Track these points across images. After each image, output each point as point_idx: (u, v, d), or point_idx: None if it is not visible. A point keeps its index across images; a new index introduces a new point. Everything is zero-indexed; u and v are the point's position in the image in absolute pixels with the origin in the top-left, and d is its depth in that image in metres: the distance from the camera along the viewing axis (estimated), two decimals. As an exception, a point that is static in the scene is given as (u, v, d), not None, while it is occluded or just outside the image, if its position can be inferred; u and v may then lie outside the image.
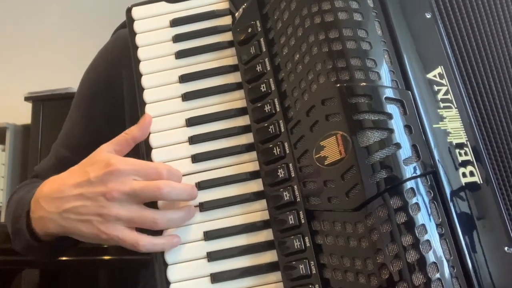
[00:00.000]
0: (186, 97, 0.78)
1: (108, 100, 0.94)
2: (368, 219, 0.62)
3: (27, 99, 2.00)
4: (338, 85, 0.66)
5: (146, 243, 0.71)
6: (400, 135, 0.64)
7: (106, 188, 0.70)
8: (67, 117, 1.00)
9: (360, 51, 0.67)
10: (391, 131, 0.63)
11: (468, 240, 0.62)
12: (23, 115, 2.07)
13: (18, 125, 2.11)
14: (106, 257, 1.74)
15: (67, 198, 0.73)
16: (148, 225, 0.71)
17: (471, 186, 0.64)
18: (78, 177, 0.73)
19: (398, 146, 0.63)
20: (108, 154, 0.73)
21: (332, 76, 0.66)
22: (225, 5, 0.82)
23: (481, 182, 0.65)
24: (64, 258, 1.63)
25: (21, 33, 2.56)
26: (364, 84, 0.65)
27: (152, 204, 0.74)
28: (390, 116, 0.64)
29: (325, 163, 0.65)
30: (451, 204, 0.62)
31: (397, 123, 0.64)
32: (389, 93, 0.65)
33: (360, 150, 0.63)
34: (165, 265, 0.72)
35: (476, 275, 0.61)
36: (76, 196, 0.72)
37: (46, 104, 1.97)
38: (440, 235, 0.61)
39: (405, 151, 0.63)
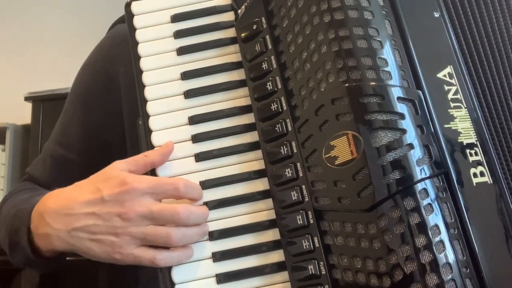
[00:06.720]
0: (189, 94, 0.76)
1: (106, 96, 0.92)
2: (380, 220, 0.62)
3: (27, 99, 1.99)
4: (348, 84, 0.65)
5: (163, 257, 0.68)
6: (412, 136, 0.63)
7: (123, 208, 0.67)
8: (61, 115, 0.96)
9: (371, 50, 0.66)
10: (403, 131, 0.63)
11: (480, 240, 0.62)
12: (23, 115, 2.05)
13: (18, 125, 2.09)
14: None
15: (77, 216, 0.69)
16: (162, 240, 0.68)
17: (482, 186, 0.64)
18: (89, 194, 0.69)
19: (410, 146, 0.62)
20: (122, 172, 0.70)
21: (342, 75, 0.65)
22: (226, 1, 0.80)
23: (491, 182, 0.65)
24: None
25: (21, 33, 2.53)
26: (375, 83, 0.65)
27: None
28: (402, 116, 0.63)
29: (336, 163, 0.65)
30: (462, 205, 0.62)
31: (409, 123, 0.63)
32: (400, 92, 0.65)
33: (372, 151, 0.62)
34: (169, 266, 0.70)
35: (489, 276, 0.61)
36: (88, 215, 0.69)
37: (46, 104, 1.96)
38: (453, 236, 0.61)
39: (417, 152, 0.62)
